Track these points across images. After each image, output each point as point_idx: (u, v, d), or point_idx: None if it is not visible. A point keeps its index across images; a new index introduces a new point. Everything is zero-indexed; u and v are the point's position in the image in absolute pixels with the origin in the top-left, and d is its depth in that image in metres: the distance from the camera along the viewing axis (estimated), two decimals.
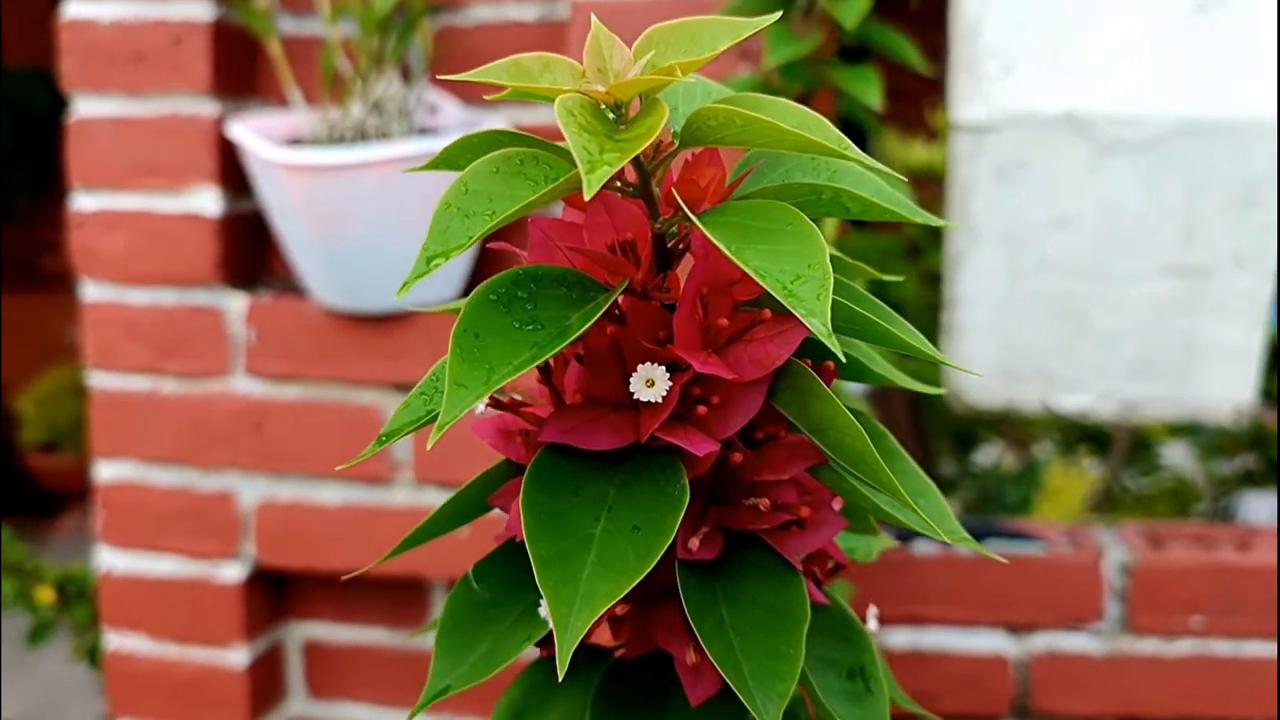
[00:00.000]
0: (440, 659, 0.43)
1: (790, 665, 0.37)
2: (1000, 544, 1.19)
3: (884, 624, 1.18)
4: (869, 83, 0.91)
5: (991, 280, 1.17)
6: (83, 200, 1.13)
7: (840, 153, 0.33)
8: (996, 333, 1.19)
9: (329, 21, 1.04)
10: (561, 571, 0.34)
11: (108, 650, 1.19)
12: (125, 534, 1.17)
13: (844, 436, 0.35)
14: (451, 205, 0.33)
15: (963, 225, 1.15)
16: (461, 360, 0.33)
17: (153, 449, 1.15)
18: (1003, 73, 1.12)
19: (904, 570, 1.17)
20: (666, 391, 0.35)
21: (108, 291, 1.13)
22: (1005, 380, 1.22)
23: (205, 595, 1.16)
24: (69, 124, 1.13)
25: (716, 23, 0.35)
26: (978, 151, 1.13)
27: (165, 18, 1.09)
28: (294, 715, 1.22)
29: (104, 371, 1.14)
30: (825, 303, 0.30)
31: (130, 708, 1.19)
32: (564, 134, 0.30)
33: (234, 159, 1.10)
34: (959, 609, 1.18)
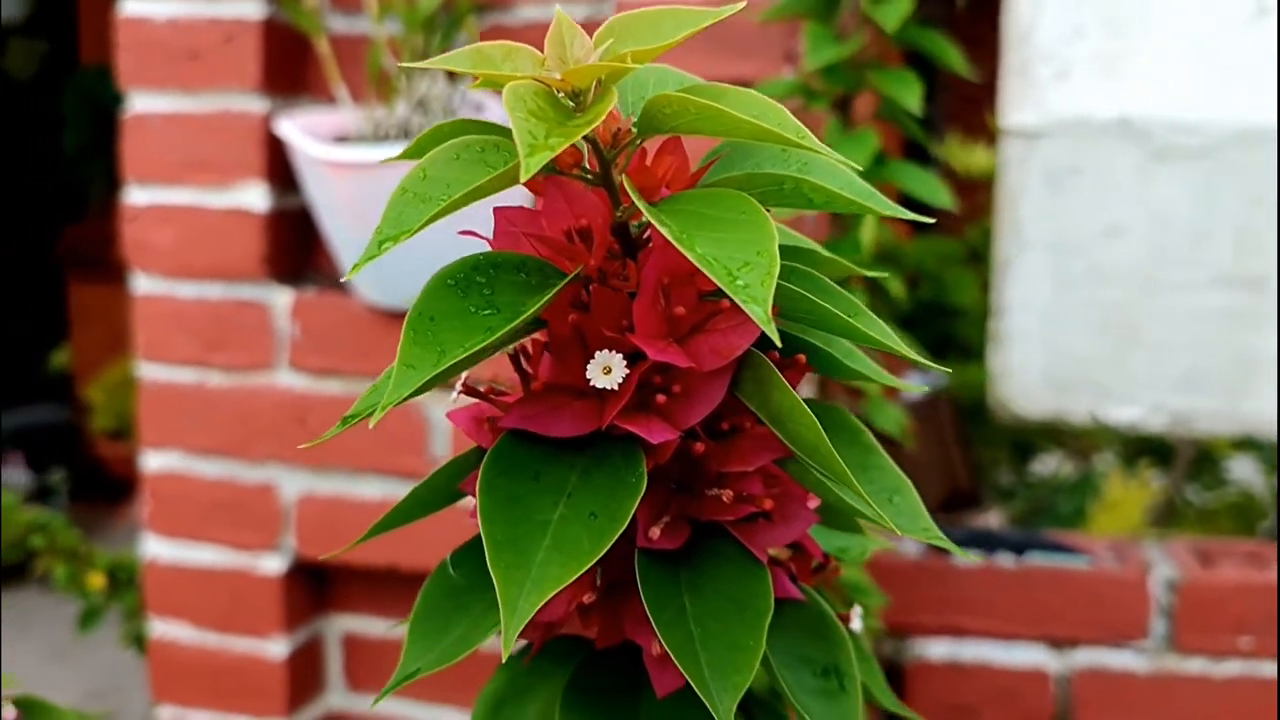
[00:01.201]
0: (413, 643, 0.43)
1: (749, 657, 0.37)
2: (1043, 556, 1.17)
3: (921, 633, 1.17)
4: (909, 87, 0.90)
5: (1039, 289, 1.15)
6: (136, 194, 1.16)
7: (796, 142, 0.32)
8: (1044, 342, 1.17)
9: (376, 20, 1.06)
10: (514, 555, 0.34)
11: (152, 637, 1.21)
12: (170, 523, 1.19)
13: (799, 428, 0.35)
14: (408, 190, 0.34)
15: (1011, 232, 1.14)
16: (413, 343, 0.33)
17: (198, 440, 1.17)
18: (1055, 77, 1.10)
19: (943, 579, 1.16)
20: (623, 379, 0.35)
21: (158, 284, 1.16)
22: (1053, 390, 1.19)
23: (246, 586, 1.17)
24: (124, 119, 1.15)
25: (678, 12, 0.35)
26: (1028, 157, 1.12)
27: (218, 16, 1.12)
28: (332, 708, 1.24)
29: (153, 363, 1.17)
30: (768, 289, 0.30)
31: (172, 695, 1.22)
32: (509, 119, 0.31)
33: (282, 155, 1.12)
34: (1000, 621, 1.16)
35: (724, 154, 0.37)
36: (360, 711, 1.23)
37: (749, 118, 0.32)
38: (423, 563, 1.07)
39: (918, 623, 1.17)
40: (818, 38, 0.90)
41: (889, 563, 1.16)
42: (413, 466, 1.12)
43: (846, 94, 0.95)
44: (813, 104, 0.93)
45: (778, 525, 0.40)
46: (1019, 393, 1.18)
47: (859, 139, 0.91)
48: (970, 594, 1.16)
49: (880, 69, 0.93)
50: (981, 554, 1.18)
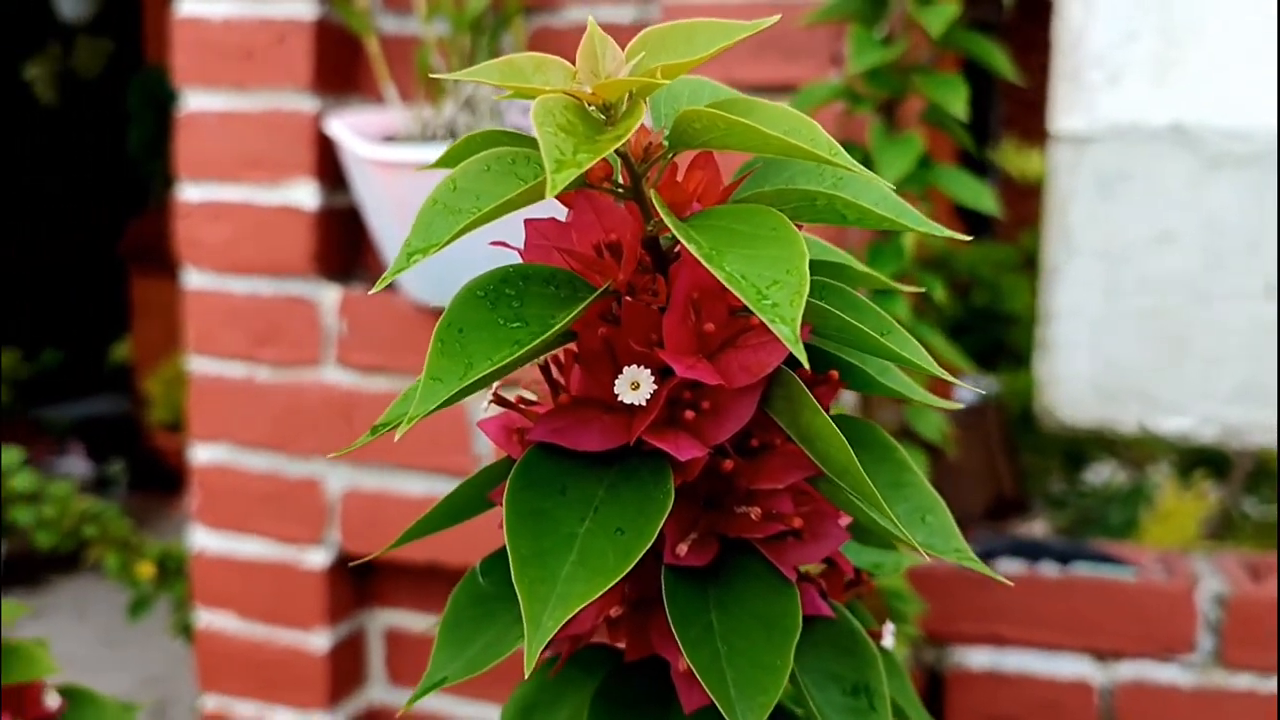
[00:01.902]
0: (441, 649, 0.43)
1: (776, 677, 0.37)
2: (1089, 567, 1.16)
3: (962, 642, 1.16)
4: (955, 91, 0.89)
5: (1088, 296, 1.14)
6: (189, 191, 1.17)
7: (827, 159, 0.32)
8: (1093, 350, 1.16)
9: (425, 21, 1.06)
10: (539, 569, 0.34)
11: (198, 627, 1.23)
12: (218, 515, 1.20)
13: (829, 448, 0.35)
14: (439, 202, 0.34)
15: (1060, 239, 1.12)
16: (441, 355, 0.33)
17: (246, 434, 1.18)
18: (1107, 82, 1.09)
19: (984, 587, 1.15)
20: (650, 394, 0.35)
21: (209, 280, 1.17)
22: (1101, 399, 1.18)
23: (291, 579, 1.19)
24: (179, 117, 1.17)
25: (712, 25, 0.34)
26: (1077, 163, 1.10)
27: (272, 16, 1.13)
28: (373, 701, 1.25)
29: (203, 357, 1.18)
30: (797, 309, 0.30)
31: (218, 684, 1.23)
32: (537, 133, 0.31)
33: (332, 154, 1.13)
34: (1043, 631, 1.15)
35: (756, 169, 0.37)
36: (401, 706, 1.24)
37: (778, 134, 0.32)
38: (464, 560, 1.08)
39: (959, 631, 1.16)
40: (862, 41, 0.89)
41: (929, 570, 1.15)
42: (457, 464, 1.13)
43: (892, 98, 0.94)
44: (858, 108, 0.93)
45: (808, 543, 0.39)
46: (1066, 401, 1.16)
47: (903, 143, 0.90)
48: (1013, 603, 1.15)
49: (926, 73, 0.92)
50: (1025, 563, 1.17)
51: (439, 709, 1.21)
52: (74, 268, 3.65)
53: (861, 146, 0.93)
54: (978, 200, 0.93)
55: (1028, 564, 1.17)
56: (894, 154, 0.90)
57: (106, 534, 1.30)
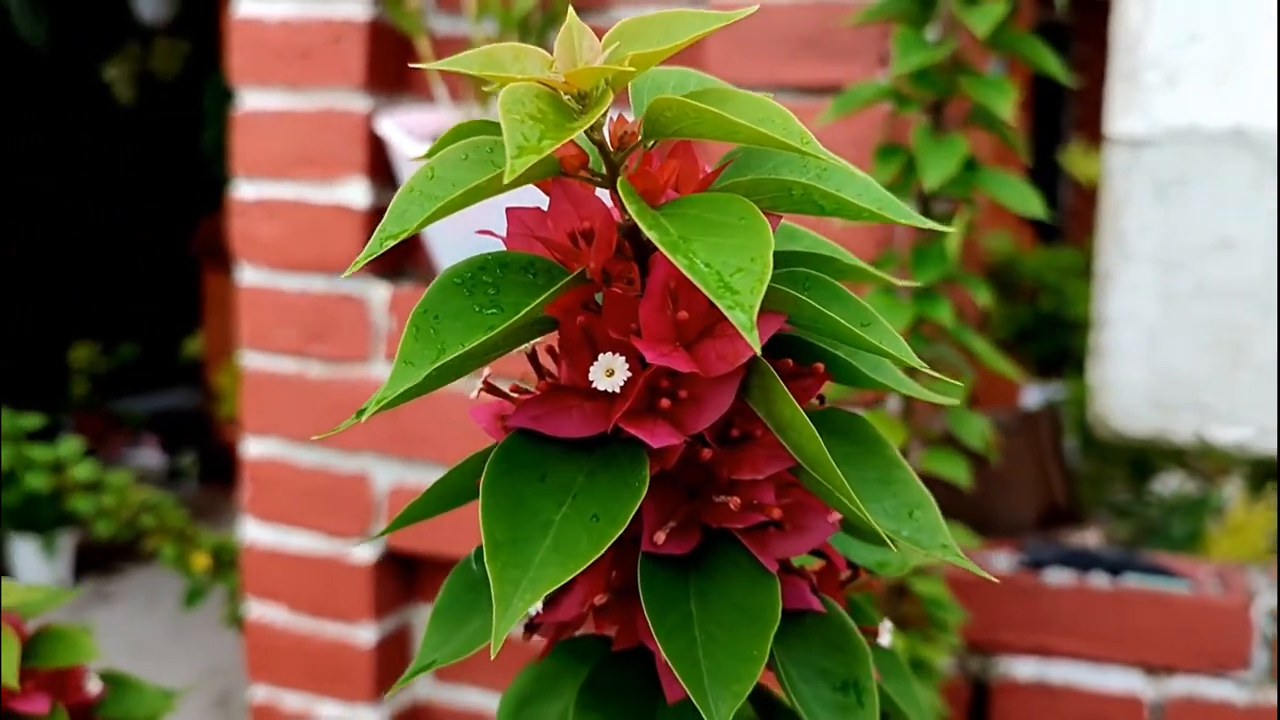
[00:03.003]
0: (431, 634, 0.44)
1: (752, 666, 0.37)
2: (1141, 579, 1.14)
3: (1008, 652, 1.14)
4: (1002, 93, 0.88)
5: (1143, 303, 1.11)
6: (245, 189, 1.19)
7: (798, 148, 0.32)
8: (1148, 358, 1.14)
9: (474, 21, 1.07)
10: (512, 554, 0.34)
11: (248, 618, 1.25)
12: (268, 508, 1.22)
13: (800, 438, 0.34)
14: (415, 189, 0.34)
15: (1114, 243, 1.10)
16: (414, 339, 0.34)
17: (297, 428, 1.20)
18: (1165, 84, 1.07)
19: (1032, 597, 1.13)
20: (625, 382, 0.35)
21: (263, 276, 1.19)
22: (1156, 408, 1.16)
23: (338, 573, 1.20)
24: (236, 116, 1.19)
25: (689, 15, 0.34)
26: (1133, 166, 1.08)
27: (328, 16, 1.15)
28: (418, 696, 1.26)
29: (256, 352, 1.21)
30: (756, 297, 0.30)
31: (267, 675, 1.25)
32: (501, 121, 0.31)
33: (383, 153, 1.14)
34: (1092, 643, 1.13)
35: (736, 158, 0.37)
36: (446, 701, 1.25)
37: (748, 123, 0.32)
38: None
39: (1004, 641, 1.14)
40: (907, 42, 0.88)
41: (974, 577, 1.14)
42: None
43: (939, 100, 0.93)
44: (904, 109, 0.92)
45: (791, 535, 0.39)
46: (1120, 409, 1.14)
47: (948, 145, 0.89)
48: (1061, 613, 1.13)
49: (973, 74, 0.91)
50: (1075, 573, 1.15)
51: (482, 704, 1.22)
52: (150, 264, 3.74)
53: (906, 148, 0.93)
54: (1025, 205, 0.91)
55: (1078, 574, 1.15)
56: (938, 156, 0.89)
57: (163, 524, 1.33)
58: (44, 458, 1.28)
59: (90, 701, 0.68)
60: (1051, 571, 1.15)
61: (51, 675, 0.66)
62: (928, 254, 0.92)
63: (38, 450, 1.28)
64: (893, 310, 0.92)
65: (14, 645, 0.62)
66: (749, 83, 1.05)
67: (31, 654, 0.65)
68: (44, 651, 0.66)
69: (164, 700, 0.72)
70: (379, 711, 1.21)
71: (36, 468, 1.28)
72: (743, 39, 1.04)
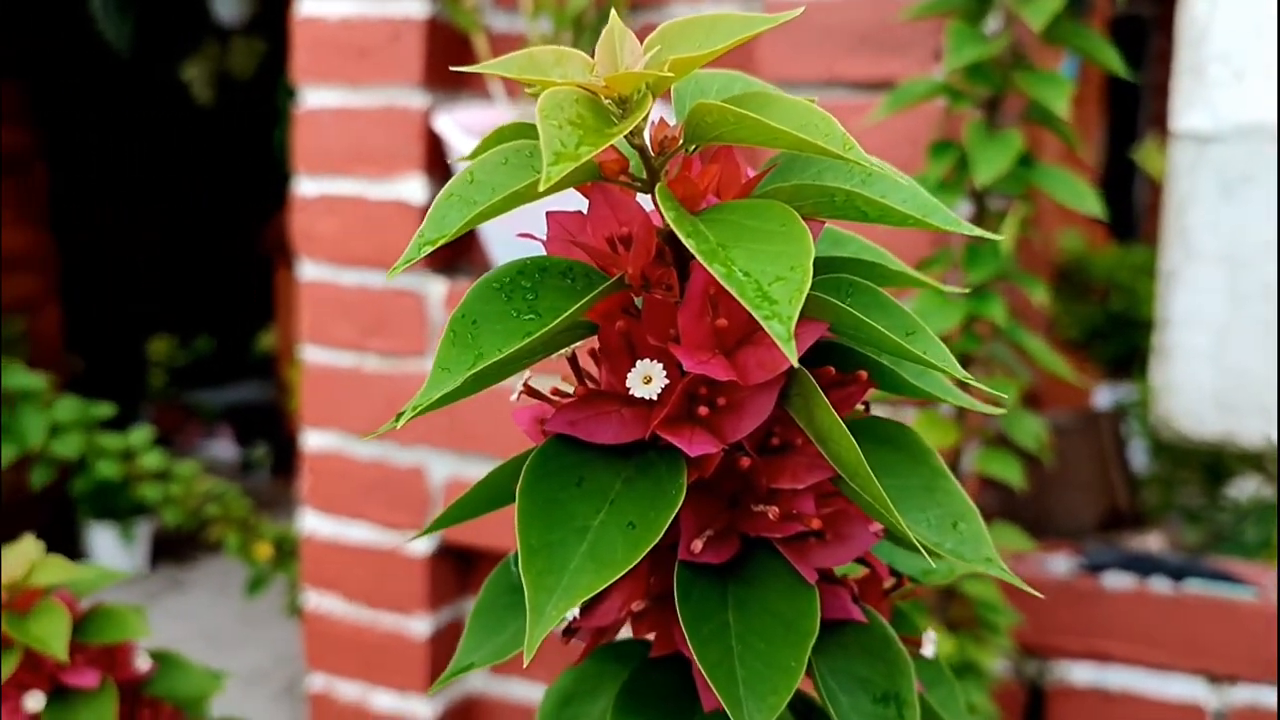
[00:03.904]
0: (470, 636, 0.44)
1: (789, 678, 0.36)
2: (1204, 585, 1.11)
3: (1065, 656, 1.13)
4: (1058, 89, 0.87)
5: (1209, 303, 1.09)
6: (305, 185, 1.21)
7: (839, 154, 0.32)
8: (1214, 360, 1.11)
9: (530, 18, 1.08)
10: (548, 560, 0.34)
11: (306, 607, 1.27)
12: (327, 500, 1.24)
13: (839, 448, 0.34)
14: (454, 194, 0.34)
15: (1178, 242, 1.08)
16: (452, 345, 0.34)
17: (355, 421, 1.21)
18: (1232, 79, 1.04)
19: (1091, 602, 1.11)
20: (662, 389, 0.35)
21: (323, 271, 1.21)
22: (1222, 411, 1.13)
23: (395, 565, 1.21)
24: (297, 114, 1.20)
25: (732, 18, 0.34)
26: (1198, 163, 1.06)
27: (387, 15, 1.15)
28: (471, 689, 1.27)
29: (316, 346, 1.22)
30: (795, 307, 0.29)
31: (324, 663, 1.27)
32: (539, 127, 0.31)
33: (440, 149, 1.15)
34: (1153, 650, 1.11)
35: (779, 163, 0.37)
36: (497, 694, 1.26)
37: (788, 128, 0.31)
38: None
39: (1061, 645, 1.12)
40: (960, 36, 0.87)
41: (1030, 581, 1.12)
42: None
43: (993, 95, 0.91)
44: (957, 104, 0.91)
45: (832, 545, 0.39)
46: (1184, 411, 1.12)
47: (1002, 141, 0.88)
48: (1120, 619, 1.11)
49: (1028, 69, 0.90)
50: (1136, 578, 1.13)
51: (530, 699, 1.23)
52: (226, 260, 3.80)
53: (960, 144, 0.91)
54: (1080, 201, 0.90)
55: (1138, 579, 1.13)
56: (991, 152, 0.87)
57: (227, 514, 1.35)
58: (115, 446, 1.31)
59: (139, 678, 0.69)
60: (1111, 575, 1.13)
61: (102, 651, 0.68)
62: (980, 252, 0.91)
63: (109, 439, 1.31)
64: (945, 309, 0.91)
65: (64, 620, 0.64)
66: (803, 79, 1.04)
67: (82, 630, 0.67)
68: (95, 628, 0.68)
69: (211, 680, 0.73)
70: (432, 702, 1.22)
71: (107, 455, 1.30)
72: (797, 35, 1.04)
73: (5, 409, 1.16)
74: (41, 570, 0.67)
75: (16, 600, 0.66)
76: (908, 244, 1.01)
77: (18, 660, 0.64)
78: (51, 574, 0.67)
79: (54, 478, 1.24)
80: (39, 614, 0.66)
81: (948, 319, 0.91)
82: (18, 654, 0.64)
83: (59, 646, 0.63)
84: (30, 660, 0.65)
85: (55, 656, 0.62)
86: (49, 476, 1.23)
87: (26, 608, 0.66)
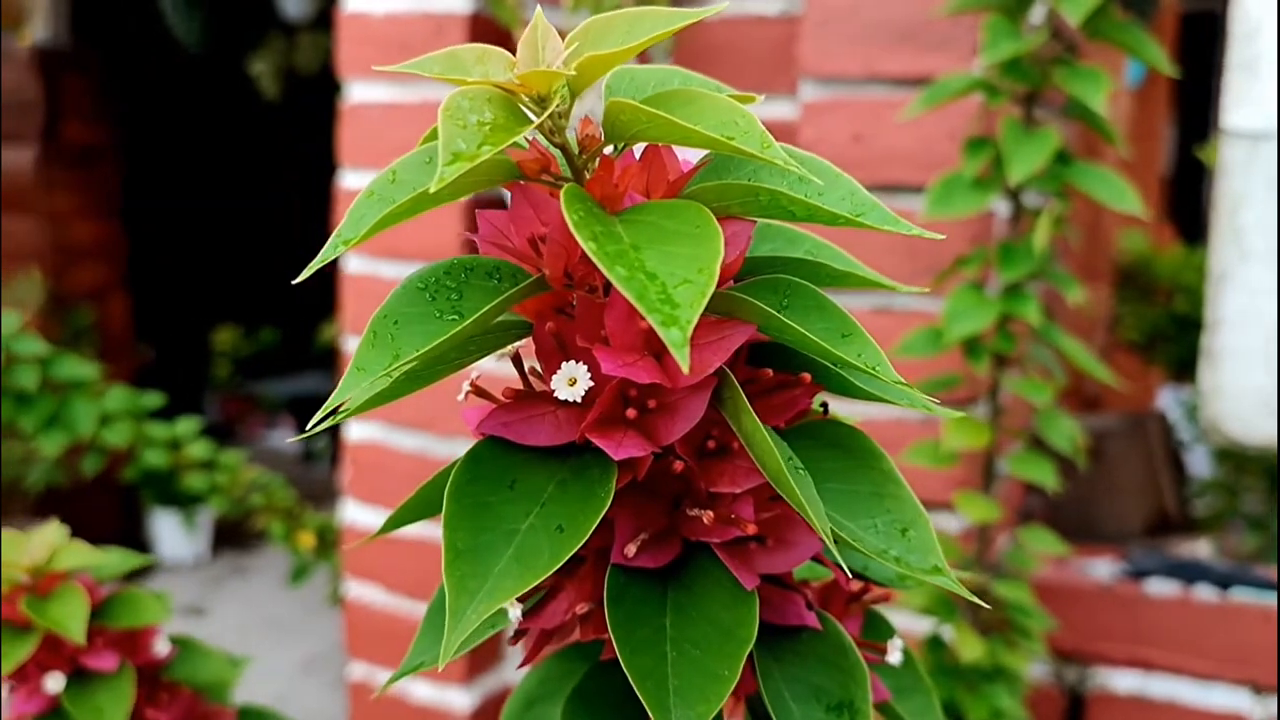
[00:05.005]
0: (422, 636, 0.44)
1: (721, 686, 0.36)
2: (1251, 593, 1.08)
3: (1106, 663, 1.10)
4: (1096, 84, 0.84)
5: (1262, 304, 1.06)
6: (349, 178, 1.22)
7: (754, 154, 0.31)
8: (1267, 362, 1.08)
9: (570, 12, 1.07)
10: (472, 564, 0.34)
11: (347, 596, 1.28)
12: (369, 490, 1.25)
13: (760, 452, 0.33)
14: (375, 193, 0.34)
15: (1230, 242, 1.05)
16: (371, 346, 0.34)
17: (396, 413, 1.22)
18: None
19: (1133, 609, 1.08)
20: (586, 391, 0.35)
21: (366, 264, 1.22)
22: (1275, 416, 1.09)
23: (433, 556, 1.22)
24: (343, 108, 1.22)
25: (654, 14, 0.33)
26: (1251, 161, 1.03)
27: (430, 10, 1.16)
28: (508, 681, 1.27)
29: (358, 338, 1.23)
30: (695, 311, 0.29)
31: (365, 652, 1.28)
32: (439, 126, 0.30)
33: None
34: (1197, 659, 1.08)
35: (708, 162, 0.36)
36: None
37: (702, 128, 0.31)
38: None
39: (1103, 652, 1.10)
40: (997, 31, 0.85)
41: (1071, 586, 1.10)
42: None
43: (1032, 90, 0.89)
44: (994, 100, 0.89)
45: (774, 551, 0.38)
46: (1233, 415, 1.09)
47: (1038, 138, 0.86)
48: (1163, 626, 1.08)
49: (1068, 65, 0.87)
50: (1181, 585, 1.10)
51: None
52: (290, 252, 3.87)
53: (996, 141, 0.89)
54: (1120, 200, 0.87)
55: (1183, 586, 1.10)
56: (1026, 149, 0.85)
57: (272, 503, 1.37)
58: (162, 435, 1.34)
59: (159, 662, 0.70)
60: (1154, 582, 1.10)
61: (121, 635, 0.69)
62: (1015, 250, 0.89)
63: (157, 428, 1.33)
64: (977, 309, 0.89)
65: (83, 603, 0.65)
66: (844, 76, 1.03)
67: (102, 614, 0.68)
68: (115, 612, 0.69)
69: (230, 667, 0.74)
70: (470, 693, 1.23)
71: (155, 445, 1.33)
72: (837, 32, 1.02)
73: (57, 398, 1.19)
74: (63, 555, 0.68)
75: (38, 584, 0.68)
76: (946, 244, 0.99)
77: (37, 642, 0.66)
78: (72, 559, 0.68)
79: (104, 466, 1.27)
80: (59, 597, 0.68)
81: (980, 319, 0.89)
82: (38, 636, 0.66)
83: (77, 630, 0.64)
84: (51, 642, 0.67)
85: (72, 639, 0.63)
86: (99, 464, 1.26)
87: (47, 591, 0.68)
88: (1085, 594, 1.09)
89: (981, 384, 0.97)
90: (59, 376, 1.19)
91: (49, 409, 1.18)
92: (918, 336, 0.92)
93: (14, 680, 0.66)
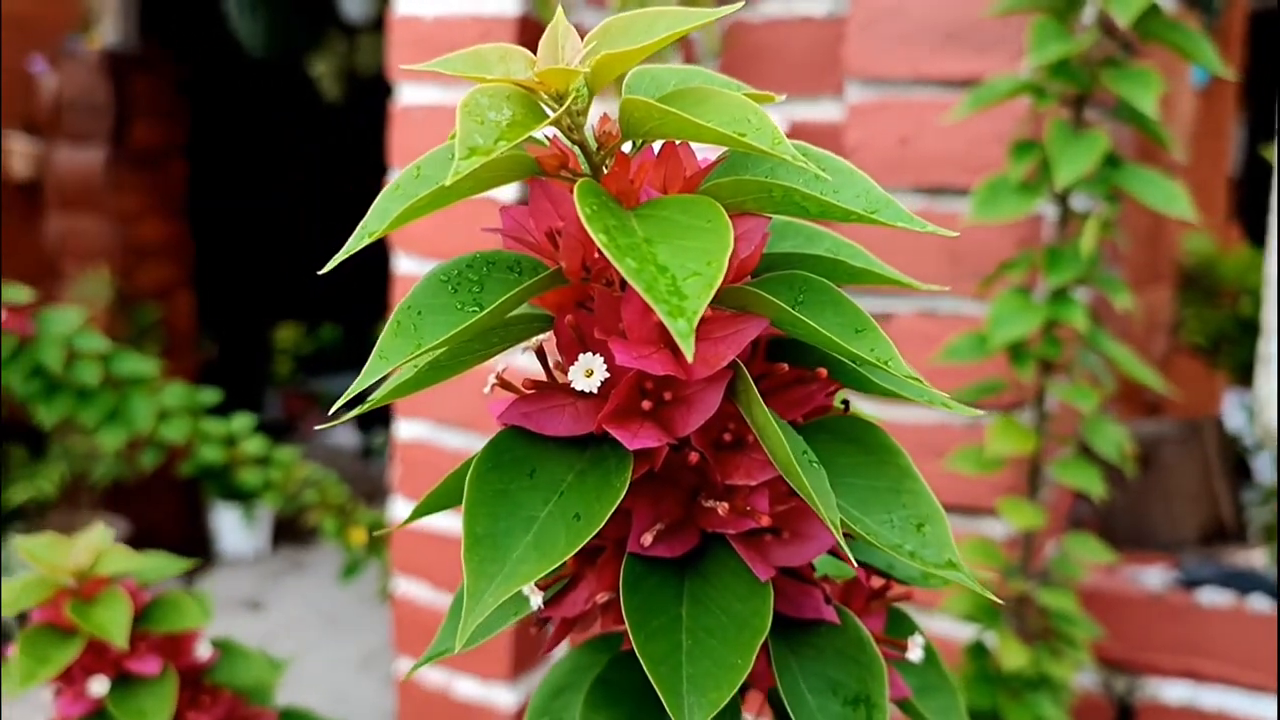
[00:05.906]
0: (447, 624, 0.45)
1: (733, 675, 0.36)
2: None
3: (1156, 673, 1.09)
4: (1145, 86, 0.83)
5: None
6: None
7: (765, 150, 0.31)
8: None
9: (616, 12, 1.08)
10: (491, 549, 0.35)
11: (395, 593, 1.30)
12: (417, 488, 1.27)
13: (771, 444, 0.34)
14: (400, 187, 0.35)
15: None
16: (394, 335, 0.35)
17: (444, 411, 1.24)
18: None
19: (1183, 617, 1.07)
20: (602, 382, 0.35)
21: (416, 264, 1.23)
22: None
23: None
24: (393, 110, 1.23)
25: (672, 13, 0.34)
26: None
27: (480, 13, 1.17)
28: None
29: None
30: (701, 302, 0.29)
31: (411, 648, 1.30)
32: (457, 123, 0.31)
33: None
34: (1250, 671, 1.06)
35: (725, 159, 0.36)
36: None
37: (715, 125, 0.31)
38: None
39: (1153, 662, 1.08)
40: (1044, 32, 0.85)
41: (1122, 594, 1.09)
42: None
43: (1080, 93, 0.89)
44: (1042, 102, 0.88)
45: (790, 543, 0.38)
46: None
47: (1085, 141, 0.85)
48: (1215, 637, 1.07)
49: (1118, 66, 0.87)
50: (1235, 595, 1.08)
51: None
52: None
53: (1043, 144, 0.89)
54: (1169, 203, 0.86)
55: (1237, 596, 1.08)
56: (1073, 152, 0.85)
57: (325, 500, 1.39)
58: (218, 431, 1.36)
59: (200, 666, 0.72)
60: (1207, 591, 1.09)
61: (164, 639, 0.70)
62: (1061, 255, 0.88)
63: (212, 424, 1.36)
64: (1022, 313, 0.88)
65: (126, 608, 0.66)
66: (891, 77, 1.03)
67: (145, 618, 0.70)
68: (159, 617, 0.70)
69: (271, 669, 0.75)
70: (515, 690, 1.24)
71: (211, 441, 1.35)
72: (884, 34, 1.02)
73: (117, 394, 1.22)
74: (106, 559, 0.69)
75: (83, 588, 0.69)
76: (992, 246, 0.99)
77: (82, 646, 0.67)
78: (116, 563, 0.69)
79: (163, 461, 1.30)
80: (102, 602, 0.68)
81: (1025, 324, 0.89)
82: (82, 640, 0.67)
83: (120, 634, 0.65)
84: (95, 647, 0.68)
85: (115, 644, 0.65)
86: (158, 459, 1.28)
87: (92, 595, 0.69)
88: (1136, 603, 1.08)
89: (1027, 390, 0.96)
90: (119, 373, 1.21)
91: (109, 404, 1.21)
92: (962, 341, 0.91)
93: (60, 683, 0.67)
